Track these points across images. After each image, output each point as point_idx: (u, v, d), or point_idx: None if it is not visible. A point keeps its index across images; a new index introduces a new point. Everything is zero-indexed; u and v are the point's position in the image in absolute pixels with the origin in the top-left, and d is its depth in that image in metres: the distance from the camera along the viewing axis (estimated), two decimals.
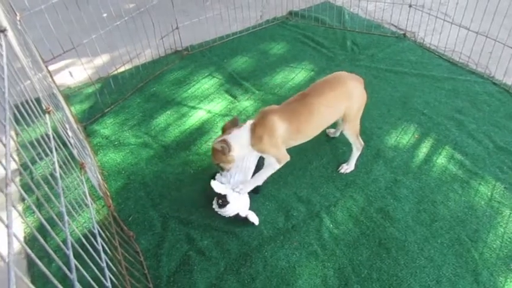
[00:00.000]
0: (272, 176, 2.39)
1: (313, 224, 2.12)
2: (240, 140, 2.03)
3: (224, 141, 2.00)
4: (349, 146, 2.56)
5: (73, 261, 0.96)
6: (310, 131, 2.16)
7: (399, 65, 3.28)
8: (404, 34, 3.65)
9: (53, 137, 1.40)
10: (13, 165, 2.58)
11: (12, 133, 2.85)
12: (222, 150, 1.99)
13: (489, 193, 2.20)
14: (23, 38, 2.10)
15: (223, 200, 2.07)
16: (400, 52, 3.44)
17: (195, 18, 3.87)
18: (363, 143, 2.35)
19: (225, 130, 2.13)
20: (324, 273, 1.90)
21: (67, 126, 1.89)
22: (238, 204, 2.11)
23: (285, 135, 2.06)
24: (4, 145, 0.86)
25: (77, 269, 1.03)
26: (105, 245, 1.45)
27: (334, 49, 3.58)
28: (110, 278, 1.30)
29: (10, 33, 1.45)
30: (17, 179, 2.50)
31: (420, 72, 3.17)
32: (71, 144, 1.72)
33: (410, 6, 3.52)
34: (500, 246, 1.94)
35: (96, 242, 1.37)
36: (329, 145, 2.59)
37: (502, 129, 2.58)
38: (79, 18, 2.91)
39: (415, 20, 3.76)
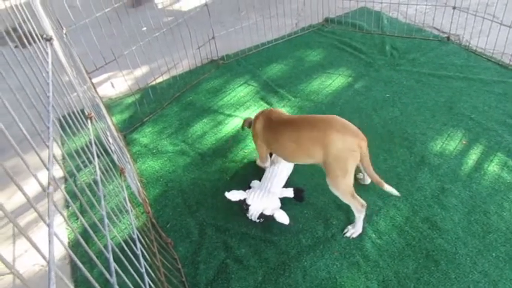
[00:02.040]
0: (310, 183, 2.34)
1: None
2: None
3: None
4: (390, 153, 2.46)
5: (113, 264, 0.95)
6: (283, 154, 2.12)
7: (443, 69, 3.13)
8: (448, 37, 3.49)
9: (95, 143, 1.43)
10: (59, 173, 2.69)
11: (59, 142, 2.97)
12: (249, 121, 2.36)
13: None
14: (68, 50, 2.19)
15: (245, 204, 2.09)
16: (444, 56, 3.28)
17: (230, 28, 3.92)
18: (364, 202, 1.94)
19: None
20: (367, 286, 1.80)
21: (108, 133, 1.94)
22: (260, 204, 2.07)
23: (265, 141, 2.21)
24: (47, 146, 0.87)
25: (117, 274, 1.03)
26: (144, 251, 1.45)
27: (372, 54, 3.49)
28: (149, 284, 1.29)
29: (56, 44, 1.51)
30: (63, 186, 2.59)
31: (466, 76, 3.01)
32: (111, 151, 1.75)
33: (454, 8, 3.37)
34: None
35: (136, 247, 1.37)
36: (370, 152, 2.49)
37: None
38: (121, 31, 3.02)
39: (460, 22, 3.59)
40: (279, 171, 2.27)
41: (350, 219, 2.10)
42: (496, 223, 1.97)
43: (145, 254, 1.50)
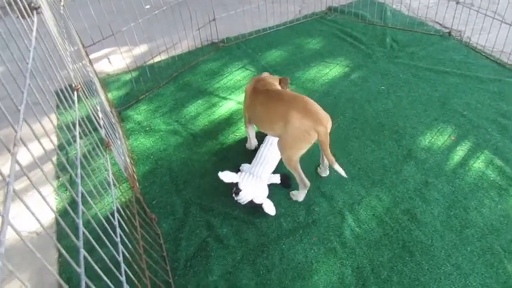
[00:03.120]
0: None
1: (335, 220, 2.06)
2: None
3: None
4: (379, 145, 2.48)
5: (81, 229, 0.99)
6: (254, 120, 2.25)
7: (441, 64, 3.11)
8: (449, 33, 3.46)
9: (81, 117, 1.45)
10: (50, 145, 2.71)
11: (52, 116, 3.01)
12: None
13: None
14: (64, 22, 2.20)
15: (236, 188, 2.11)
16: (444, 51, 3.27)
17: (232, 11, 3.90)
18: (307, 183, 2.10)
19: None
20: (342, 271, 1.84)
21: (98, 107, 1.96)
22: (251, 190, 2.10)
23: (246, 106, 2.30)
24: (19, 110, 0.90)
25: (93, 247, 1.07)
26: (122, 222, 1.49)
27: (372, 45, 3.47)
28: (124, 254, 1.33)
29: (47, 14, 1.53)
30: (54, 158, 2.63)
31: (463, 72, 3.00)
32: (99, 125, 1.78)
33: (457, 3, 3.33)
34: None
35: (113, 218, 1.41)
36: (358, 142, 2.51)
37: None
38: (120, 8, 3.02)
39: (462, 18, 3.55)
40: (270, 157, 2.29)
41: (333, 207, 2.13)
42: (475, 219, 2.00)
43: (124, 225, 1.54)
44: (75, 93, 1.49)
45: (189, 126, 2.81)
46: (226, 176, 2.14)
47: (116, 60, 3.57)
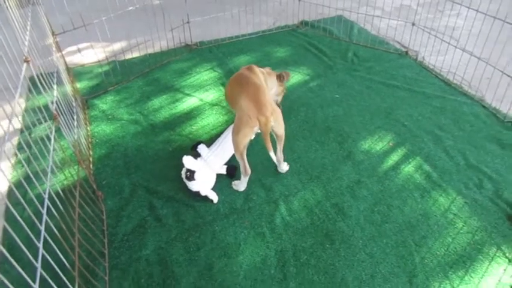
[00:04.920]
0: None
1: (269, 208, 2.21)
2: None
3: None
4: (322, 145, 2.65)
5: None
6: (229, 99, 2.47)
7: (393, 79, 3.33)
8: (406, 52, 3.70)
9: (28, 86, 1.60)
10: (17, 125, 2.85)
11: (22, 100, 3.14)
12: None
13: (447, 205, 2.21)
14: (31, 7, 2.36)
15: (190, 174, 2.22)
16: (398, 68, 3.49)
17: (207, 16, 4.11)
18: (248, 171, 2.25)
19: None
20: (266, 253, 1.98)
21: (54, 87, 2.11)
22: (202, 183, 2.24)
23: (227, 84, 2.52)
24: None
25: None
26: (52, 193, 1.62)
27: (335, 58, 3.69)
28: (49, 223, 1.45)
29: None
30: (16, 138, 2.75)
31: (412, 87, 3.22)
32: (50, 102, 1.92)
33: (413, 24, 3.58)
34: (443, 254, 1.96)
35: (46, 181, 1.54)
36: (304, 142, 2.68)
37: (478, 149, 2.58)
38: (94, 2, 3.19)
39: (422, 40, 3.80)
40: (227, 149, 2.42)
41: (269, 197, 2.28)
42: (395, 215, 2.16)
43: (53, 195, 1.67)
44: (24, 64, 1.64)
45: (150, 117, 2.96)
46: (188, 162, 2.23)
47: (89, 54, 3.73)
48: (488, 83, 3.13)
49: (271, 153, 2.12)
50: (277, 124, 2.17)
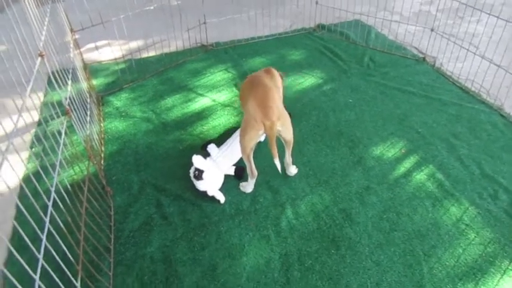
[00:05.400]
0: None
1: (275, 211, 2.20)
2: None
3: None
4: (333, 150, 2.62)
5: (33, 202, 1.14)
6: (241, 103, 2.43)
7: (409, 85, 3.27)
8: (424, 58, 3.63)
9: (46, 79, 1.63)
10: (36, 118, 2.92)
11: (41, 93, 3.22)
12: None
13: (459, 215, 2.15)
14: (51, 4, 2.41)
15: (199, 173, 2.22)
16: (414, 74, 3.43)
17: (223, 17, 4.13)
18: (255, 173, 2.25)
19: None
20: (270, 256, 1.96)
21: (69, 82, 2.15)
22: (210, 183, 2.24)
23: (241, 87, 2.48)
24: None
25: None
26: (59, 185, 1.65)
27: (350, 62, 3.65)
28: (54, 217, 1.48)
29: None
30: (33, 131, 2.82)
31: (428, 94, 3.15)
32: (63, 97, 1.95)
33: (432, 30, 3.51)
34: (453, 266, 1.90)
35: (54, 171, 1.57)
36: (314, 145, 2.66)
37: (494, 159, 2.50)
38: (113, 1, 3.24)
39: (441, 47, 3.73)
40: (236, 151, 2.41)
41: (276, 200, 2.27)
42: (404, 223, 2.11)
43: (61, 189, 1.70)
44: (39, 58, 1.67)
45: (163, 115, 2.99)
46: (198, 161, 2.21)
47: (106, 51, 3.79)
48: (507, 92, 3.04)
49: (276, 161, 2.09)
50: (285, 129, 2.14)
